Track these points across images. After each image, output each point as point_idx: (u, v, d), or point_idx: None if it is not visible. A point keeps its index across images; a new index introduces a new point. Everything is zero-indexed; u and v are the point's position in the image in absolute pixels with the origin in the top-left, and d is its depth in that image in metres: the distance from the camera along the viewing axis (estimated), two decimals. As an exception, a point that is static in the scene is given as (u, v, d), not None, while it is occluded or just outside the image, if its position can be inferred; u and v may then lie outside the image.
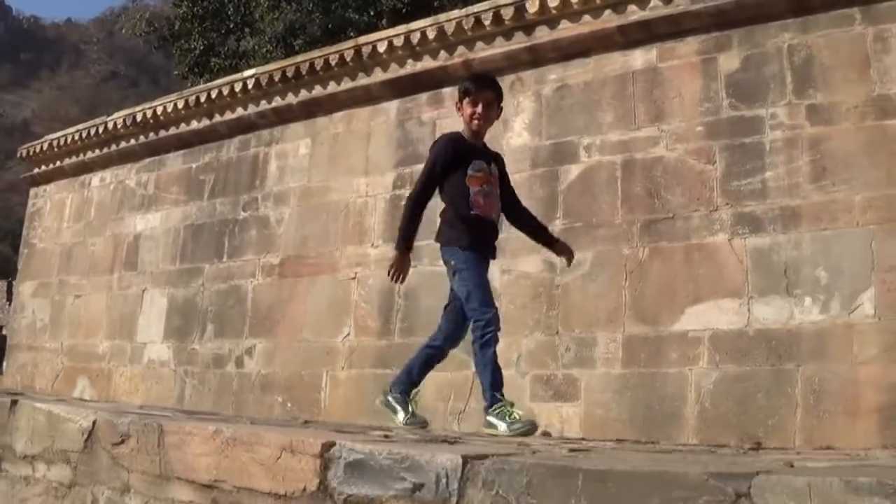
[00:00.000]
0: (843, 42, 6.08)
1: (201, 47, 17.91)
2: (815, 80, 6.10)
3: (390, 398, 5.04)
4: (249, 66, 14.07)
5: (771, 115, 6.17)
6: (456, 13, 7.59)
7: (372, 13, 16.76)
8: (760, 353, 5.83)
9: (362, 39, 8.14)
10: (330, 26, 16.32)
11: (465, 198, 4.90)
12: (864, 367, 5.52)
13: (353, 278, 7.72)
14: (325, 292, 7.88)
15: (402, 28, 7.92)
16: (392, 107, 7.95)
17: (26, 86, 78.18)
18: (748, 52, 6.38)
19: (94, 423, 3.61)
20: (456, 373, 6.93)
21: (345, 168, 8.08)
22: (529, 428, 4.61)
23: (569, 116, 6.96)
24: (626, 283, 6.42)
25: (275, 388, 7.96)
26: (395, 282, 5.23)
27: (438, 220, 5.07)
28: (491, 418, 4.68)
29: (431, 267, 7.26)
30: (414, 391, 5.10)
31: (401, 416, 4.96)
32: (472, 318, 4.87)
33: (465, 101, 5.13)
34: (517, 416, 4.63)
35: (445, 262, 5.08)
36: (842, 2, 6.12)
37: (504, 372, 6.60)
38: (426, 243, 7.28)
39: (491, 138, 7.09)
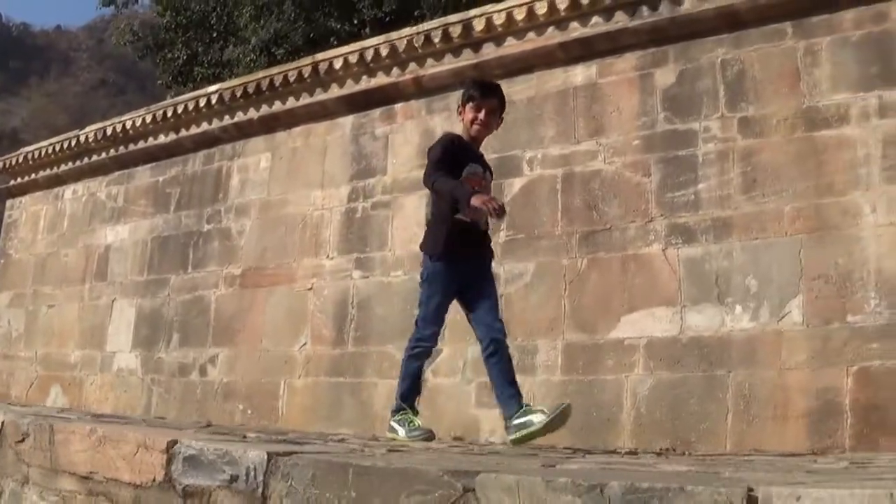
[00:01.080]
0: (774, 56, 6.09)
1: (185, 56, 17.61)
2: (747, 94, 6.11)
3: (522, 414, 4.59)
4: (233, 75, 14.02)
5: (704, 129, 6.17)
6: (407, 31, 7.59)
7: (355, 22, 16.65)
8: (693, 359, 5.84)
9: (319, 56, 8.14)
10: (312, 35, 16.21)
11: (453, 201, 4.67)
12: (793, 373, 5.53)
13: (310, 289, 7.70)
14: (283, 303, 7.87)
15: (356, 45, 7.93)
16: (347, 122, 7.93)
17: (15, 93, 74.82)
18: (683, 66, 6.39)
19: (2, 423, 3.85)
20: (404, 380, 6.94)
21: (302, 181, 8.07)
22: (427, 435, 4.63)
23: (513, 131, 6.92)
24: (566, 292, 6.42)
25: (236, 395, 7.94)
26: (503, 213, 4.56)
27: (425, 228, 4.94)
28: (393, 423, 4.73)
29: (382, 278, 7.29)
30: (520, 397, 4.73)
31: (537, 418, 4.53)
32: (415, 327, 4.90)
33: (469, 105, 4.95)
34: (417, 425, 4.67)
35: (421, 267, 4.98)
36: (774, 16, 6.13)
37: (450, 379, 6.74)
38: (378, 254, 7.35)
39: (440, 152, 7.15)
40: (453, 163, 4.75)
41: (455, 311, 6.78)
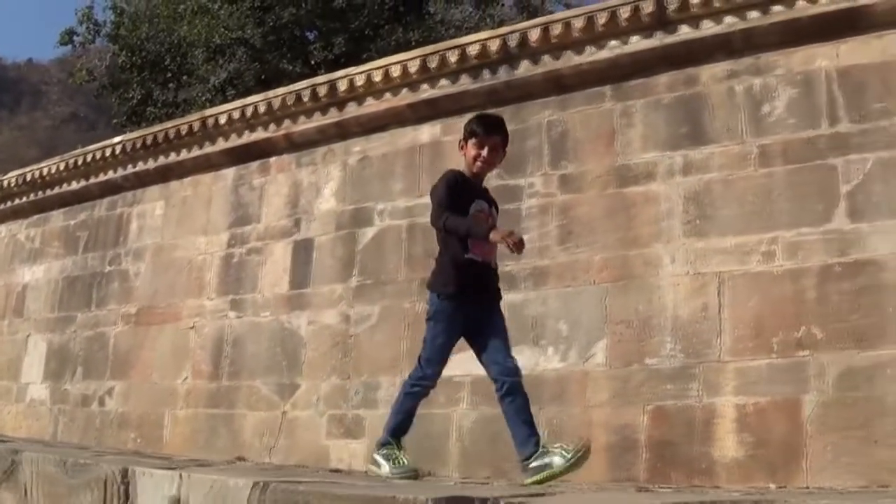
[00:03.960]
0: (594, 117, 6.22)
1: (139, 96, 17.27)
2: (568, 153, 6.23)
3: (539, 456, 4.24)
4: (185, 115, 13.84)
5: (529, 185, 6.29)
6: (282, 90, 7.68)
7: (313, 63, 16.55)
8: (511, 397, 5.92)
9: (208, 112, 8.23)
10: (264, 77, 16.08)
11: (462, 239, 4.38)
12: (596, 411, 5.63)
13: (192, 327, 7.76)
14: (170, 339, 7.91)
15: (238, 102, 8.01)
16: (230, 173, 8.01)
17: (-15, 125, 71.90)
18: (515, 127, 6.41)
19: None
20: (269, 413, 7.02)
21: (190, 228, 8.14)
22: (412, 474, 4.24)
23: (368, 184, 7.04)
24: (406, 333, 6.49)
25: (129, 425, 7.98)
26: (522, 247, 4.30)
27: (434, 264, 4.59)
28: (377, 457, 4.35)
29: (253, 318, 7.37)
30: (537, 438, 4.37)
31: (557, 460, 4.18)
32: (417, 365, 4.52)
33: (471, 141, 4.56)
34: (402, 462, 4.29)
35: (428, 305, 4.55)
36: (595, 81, 6.26)
37: (306, 412, 6.79)
38: (250, 296, 7.42)
39: (306, 203, 7.25)
40: (459, 201, 4.45)
41: (312, 349, 6.91)
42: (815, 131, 5.46)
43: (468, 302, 4.38)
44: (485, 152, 4.54)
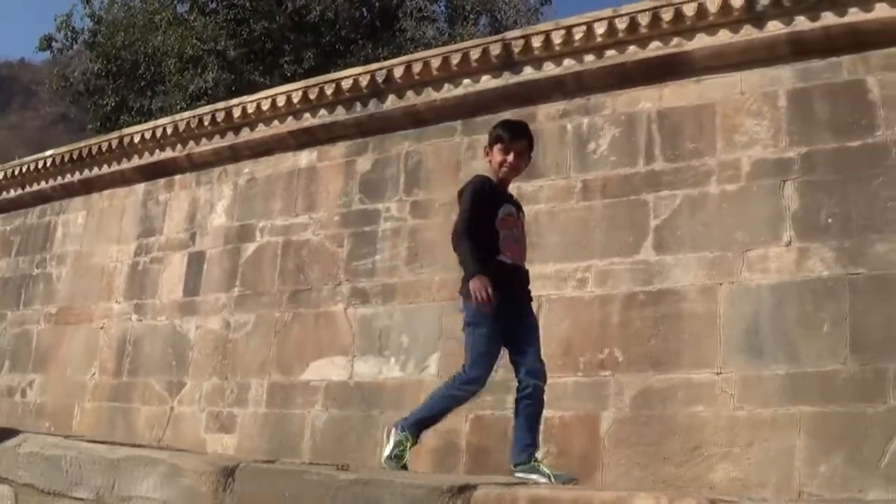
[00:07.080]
0: (444, 149, 6.56)
1: (114, 103, 17.21)
2: (420, 181, 6.58)
3: (527, 470, 3.94)
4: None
5: (385, 209, 6.64)
6: (187, 114, 8.04)
7: (288, 74, 16.60)
8: (356, 401, 6.28)
9: (126, 130, 8.56)
10: (234, 88, 16.08)
11: (493, 242, 4.14)
12: (427, 416, 5.99)
13: (102, 328, 8.10)
14: (83, 338, 8.25)
15: (150, 123, 8.37)
16: (140, 188, 8.34)
17: (-25, 123, 67.53)
18: (378, 156, 6.86)
19: None
20: (159, 407, 7.39)
21: (105, 237, 8.47)
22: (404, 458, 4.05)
23: (253, 203, 7.40)
24: (275, 340, 6.87)
25: (45, 414, 8.34)
26: (490, 301, 3.95)
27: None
28: (388, 451, 4.11)
29: (152, 321, 7.74)
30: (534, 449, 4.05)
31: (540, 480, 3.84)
32: (462, 369, 4.16)
33: (497, 147, 4.31)
34: (406, 457, 4.08)
35: (462, 312, 4.22)
36: (448, 115, 6.59)
37: (190, 408, 7.16)
38: (150, 301, 7.80)
39: (201, 218, 7.63)
40: (486, 207, 4.20)
41: (197, 351, 7.29)
42: (633, 168, 5.80)
43: (503, 303, 4.03)
44: (510, 158, 4.29)
